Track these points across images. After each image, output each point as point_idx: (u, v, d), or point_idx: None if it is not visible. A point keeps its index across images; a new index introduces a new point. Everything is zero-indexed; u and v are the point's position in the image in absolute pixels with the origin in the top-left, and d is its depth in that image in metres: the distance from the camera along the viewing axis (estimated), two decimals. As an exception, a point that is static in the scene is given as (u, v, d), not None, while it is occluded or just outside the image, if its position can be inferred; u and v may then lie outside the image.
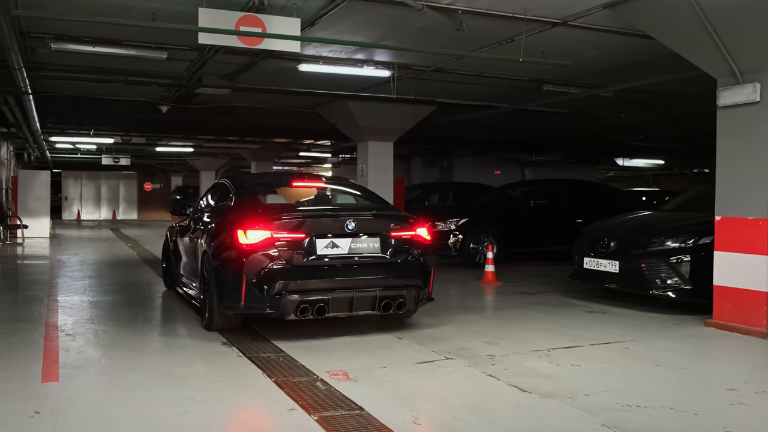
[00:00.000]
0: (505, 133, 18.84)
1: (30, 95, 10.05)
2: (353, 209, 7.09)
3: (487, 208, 13.94)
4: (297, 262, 6.21)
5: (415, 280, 6.69)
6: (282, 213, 6.46)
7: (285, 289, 6.13)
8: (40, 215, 19.83)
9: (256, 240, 6.19)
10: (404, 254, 6.65)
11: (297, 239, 6.25)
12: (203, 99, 13.58)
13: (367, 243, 6.51)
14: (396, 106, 13.80)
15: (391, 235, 6.59)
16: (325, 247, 6.33)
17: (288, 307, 6.13)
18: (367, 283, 6.40)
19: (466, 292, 10.16)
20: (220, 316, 6.63)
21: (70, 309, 8.14)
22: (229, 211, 7.11)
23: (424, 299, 6.92)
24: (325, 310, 6.23)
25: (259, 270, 6.16)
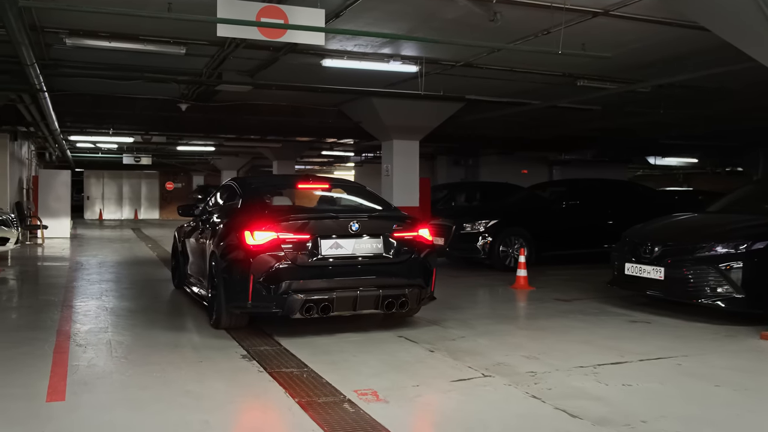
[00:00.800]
0: (534, 132, 18.28)
1: (45, 93, 9.73)
2: (357, 211, 7.33)
3: (517, 209, 13.42)
4: (302, 263, 6.39)
5: (417, 280, 6.83)
6: (287, 214, 6.62)
7: (291, 289, 6.30)
8: (61, 215, 19.62)
9: (262, 241, 6.34)
10: (406, 254, 6.80)
11: (302, 240, 6.41)
12: (224, 97, 13.22)
13: (370, 244, 6.65)
14: (422, 104, 13.33)
15: (394, 236, 6.74)
16: (329, 247, 6.49)
17: (294, 306, 6.29)
18: (371, 283, 6.56)
19: (497, 298, 9.66)
20: (227, 315, 6.76)
21: (84, 316, 7.78)
22: (236, 212, 7.24)
23: (427, 298, 7.06)
24: (329, 309, 6.38)
25: (265, 270, 6.32)
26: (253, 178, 8.79)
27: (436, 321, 7.59)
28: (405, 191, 14.25)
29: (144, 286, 10.28)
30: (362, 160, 26.29)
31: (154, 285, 10.43)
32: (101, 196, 34.76)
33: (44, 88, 9.53)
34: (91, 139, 17.92)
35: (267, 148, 20.71)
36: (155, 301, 8.95)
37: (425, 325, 7.37)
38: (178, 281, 9.58)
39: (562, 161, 23.40)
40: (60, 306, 8.37)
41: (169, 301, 9.06)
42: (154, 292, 9.71)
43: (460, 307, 8.64)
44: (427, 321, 7.60)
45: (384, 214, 7.19)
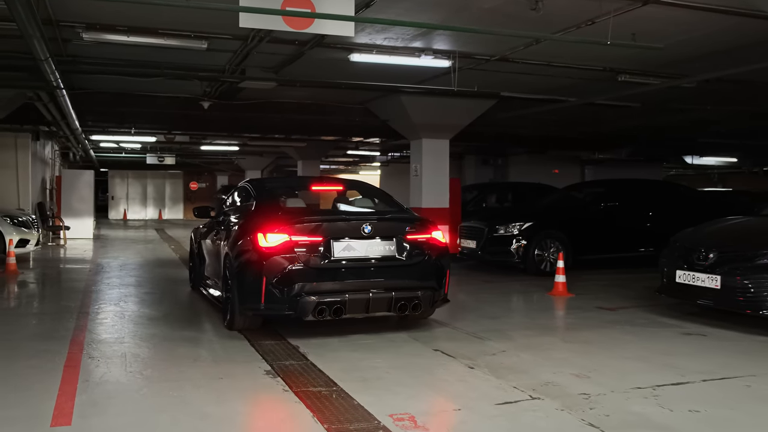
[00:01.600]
0: (567, 130, 17.64)
1: (63, 90, 9.37)
2: (370, 213, 7.31)
3: (553, 210, 12.83)
4: (315, 265, 6.37)
5: (430, 282, 6.80)
6: (300, 217, 6.62)
7: (303, 291, 6.30)
8: (84, 215, 19.39)
9: (275, 243, 6.35)
10: (419, 257, 6.76)
11: (315, 242, 6.41)
12: (247, 95, 12.81)
13: (383, 246, 6.63)
14: (453, 101, 12.80)
15: (407, 238, 6.72)
16: (342, 249, 6.47)
17: (306, 308, 6.28)
18: (383, 285, 6.54)
19: (535, 306, 9.10)
20: (241, 316, 6.73)
21: (101, 324, 7.38)
22: (249, 214, 7.26)
23: (440, 301, 7.03)
24: (342, 311, 6.37)
25: (278, 272, 6.33)
26: (266, 179, 8.77)
27: (474, 332, 7.08)
28: (434, 192, 13.72)
29: (165, 290, 9.89)
30: (388, 159, 25.77)
31: (175, 288, 10.04)
32: (126, 196, 34.65)
33: (61, 85, 9.17)
34: (113, 138, 17.62)
35: (291, 147, 20.29)
36: (175, 307, 8.53)
37: (462, 338, 6.86)
38: (194, 283, 9.59)
39: (595, 161, 22.67)
40: (76, 313, 7.98)
41: (189, 306, 8.64)
42: (175, 297, 9.30)
43: (497, 317, 8.11)
44: (464, 332, 7.09)
45: (397, 216, 7.15)
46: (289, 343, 6.50)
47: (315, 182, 8.30)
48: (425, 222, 7.05)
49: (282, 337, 6.81)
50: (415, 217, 7.17)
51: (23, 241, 12.69)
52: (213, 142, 20.93)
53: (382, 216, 7.10)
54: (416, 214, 7.57)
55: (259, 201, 7.43)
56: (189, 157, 26.51)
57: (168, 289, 10.09)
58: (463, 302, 9.50)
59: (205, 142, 20.77)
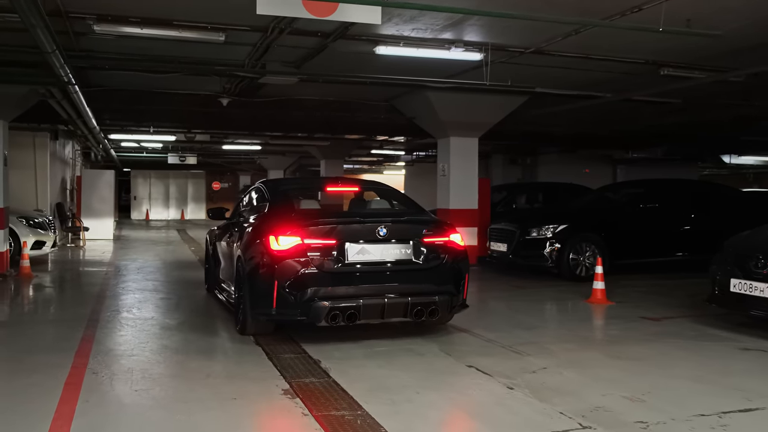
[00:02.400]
0: (601, 128, 16.93)
1: (75, 86, 8.95)
2: (385, 215, 7.01)
3: (588, 212, 12.18)
4: (328, 269, 6.20)
5: (448, 287, 6.60)
6: (313, 219, 6.43)
7: (316, 296, 6.12)
8: (104, 216, 19.10)
9: (287, 246, 6.17)
10: (437, 260, 6.56)
11: (328, 245, 6.22)
12: (268, 91, 12.35)
13: (399, 249, 6.44)
14: (483, 97, 12.23)
15: (424, 241, 6.51)
16: (356, 253, 6.29)
17: (319, 313, 6.10)
18: (399, 290, 6.36)
19: (573, 315, 8.49)
20: (253, 321, 6.56)
21: (110, 334, 6.93)
22: (262, 216, 7.08)
23: (458, 306, 6.80)
24: (356, 317, 6.18)
25: (290, 276, 6.15)
26: (281, 180, 8.51)
27: (510, 345, 6.52)
28: (462, 193, 13.15)
29: (181, 295, 9.44)
30: (413, 159, 25.20)
31: (192, 293, 9.59)
32: (148, 196, 34.43)
33: (73, 80, 8.74)
34: (132, 137, 17.27)
35: (314, 146, 19.80)
36: (191, 313, 8.06)
37: (497, 352, 6.30)
38: (209, 286, 9.38)
39: (627, 160, 21.87)
40: (87, 321, 7.54)
41: (205, 312, 8.17)
42: (191, 302, 8.85)
43: (534, 327, 7.54)
44: (499, 345, 6.53)
45: (413, 219, 6.94)
46: (309, 357, 6.03)
47: (330, 183, 8.00)
48: (443, 224, 6.86)
49: (297, 343, 6.44)
50: (432, 220, 6.96)
51: (39, 242, 12.35)
52: (235, 141, 20.52)
53: (398, 218, 6.91)
54: (433, 216, 7.24)
55: (273, 202, 7.18)
56: (211, 156, 26.16)
57: (184, 293, 9.64)
58: (495, 310, 8.94)
59: (227, 142, 20.37)
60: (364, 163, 30.00)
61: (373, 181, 8.46)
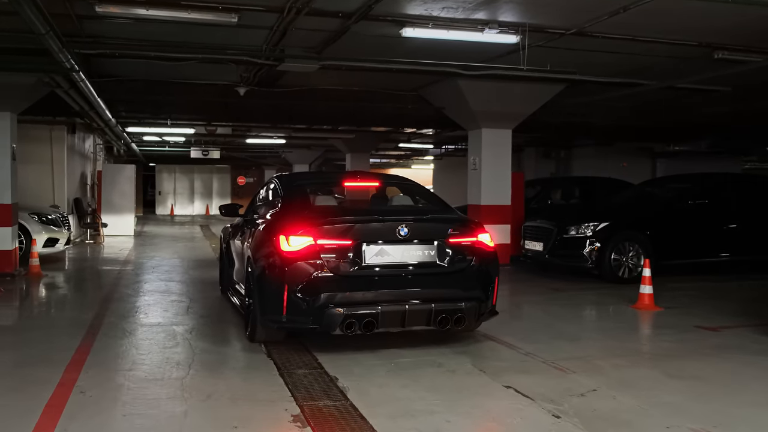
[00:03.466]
0: (641, 119, 15.93)
1: (79, 73, 8.36)
2: (407, 213, 6.44)
3: (631, 209, 11.33)
4: (343, 272, 5.69)
5: (476, 292, 6.01)
6: (327, 217, 5.88)
7: (330, 302, 5.59)
8: (125, 212, 18.66)
9: (298, 247, 5.66)
10: (463, 263, 6.02)
11: (343, 246, 5.71)
12: (289, 81, 11.68)
13: (422, 250, 5.91)
14: (517, 86, 11.43)
15: (449, 242, 5.98)
16: (374, 255, 5.77)
17: (333, 321, 5.57)
18: (422, 296, 5.82)
19: (620, 323, 7.67)
20: (263, 328, 6.08)
21: (109, 344, 6.32)
22: (274, 213, 6.58)
23: (487, 313, 6.21)
24: (373, 326, 5.62)
25: (301, 280, 5.64)
26: (296, 174, 7.96)
27: (552, 360, 5.78)
28: (495, 187, 12.37)
29: (194, 298, 8.83)
30: (441, 153, 24.39)
31: (206, 296, 8.98)
32: (173, 191, 34.06)
33: (76, 67, 8.15)
34: (150, 130, 16.75)
35: (339, 139, 19.11)
36: (200, 319, 7.43)
37: (538, 368, 5.58)
38: (223, 287, 8.85)
39: (668, 153, 20.79)
40: (88, 327, 6.96)
41: (216, 317, 7.52)
42: (203, 306, 8.22)
43: (577, 338, 6.77)
44: (539, 360, 5.80)
45: (438, 217, 6.39)
46: (325, 372, 5.38)
47: (348, 178, 7.38)
48: (470, 223, 6.30)
49: (311, 354, 5.88)
50: (458, 218, 6.39)
51: (52, 240, 11.86)
52: (258, 134, 19.93)
53: (421, 216, 6.33)
54: (460, 213, 6.64)
55: (286, 199, 6.62)
56: (235, 150, 25.62)
57: (198, 296, 9.04)
58: (531, 316, 8.19)
59: (250, 135, 19.78)
60: (391, 157, 29.24)
61: (395, 176, 7.85)
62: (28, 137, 14.29)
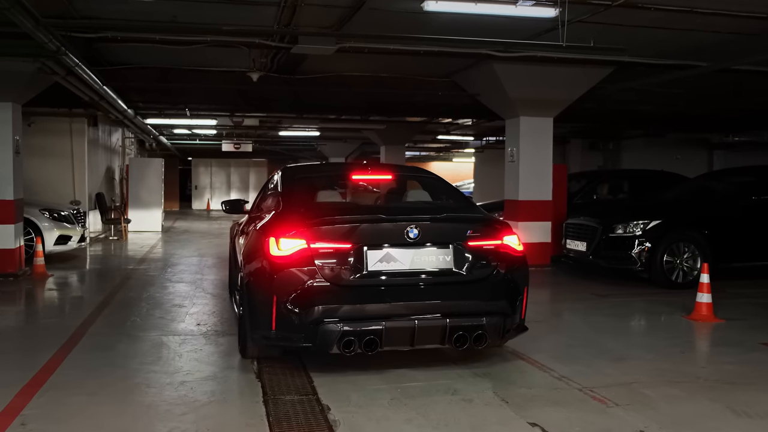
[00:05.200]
0: (697, 107, 14.63)
1: (69, 56, 7.65)
2: (418, 211, 5.56)
3: (686, 205, 10.17)
4: (342, 281, 4.88)
5: (500, 305, 5.13)
6: (323, 216, 5.08)
7: (325, 316, 4.80)
8: (152, 207, 18.14)
9: (289, 251, 4.87)
10: (486, 270, 5.13)
11: (341, 250, 4.89)
12: (310, 67, 10.86)
13: (436, 255, 5.05)
14: (559, 70, 10.41)
15: (468, 245, 5.10)
16: (378, 260, 4.94)
17: (329, 339, 4.80)
18: (435, 309, 4.98)
19: (673, 339, 6.57)
20: (253, 343, 5.33)
21: (82, 360, 5.61)
22: (269, 211, 5.82)
23: (513, 330, 5.33)
24: (376, 344, 4.82)
25: (292, 290, 4.85)
26: (300, 166, 7.14)
27: (591, 387, 4.84)
28: (534, 181, 11.35)
29: (198, 303, 8.09)
30: (483, 144, 23.29)
31: (211, 301, 8.23)
32: (209, 186, 33.64)
33: (65, 50, 7.43)
34: (171, 122, 16.14)
35: (371, 130, 18.22)
36: (196, 330, 6.65)
37: (572, 397, 4.66)
38: (231, 291, 7.90)
39: (727, 144, 19.33)
40: (69, 337, 6.26)
41: (214, 328, 6.73)
42: (204, 314, 7.45)
43: (622, 357, 5.79)
44: (575, 386, 4.87)
45: (455, 216, 5.58)
46: (317, 400, 4.59)
47: (357, 170, 6.43)
48: (494, 223, 5.43)
49: (307, 374, 5.16)
50: (479, 218, 5.50)
51: (64, 237, 11.28)
52: (290, 127, 19.20)
53: (435, 215, 5.45)
54: (485, 212, 5.76)
55: (284, 195, 5.83)
56: (269, 144, 24.97)
57: (203, 300, 8.29)
58: (570, 327, 7.20)
59: (282, 127, 19.06)
60: (431, 150, 28.26)
61: (412, 168, 7.00)
62: (49, 131, 13.89)
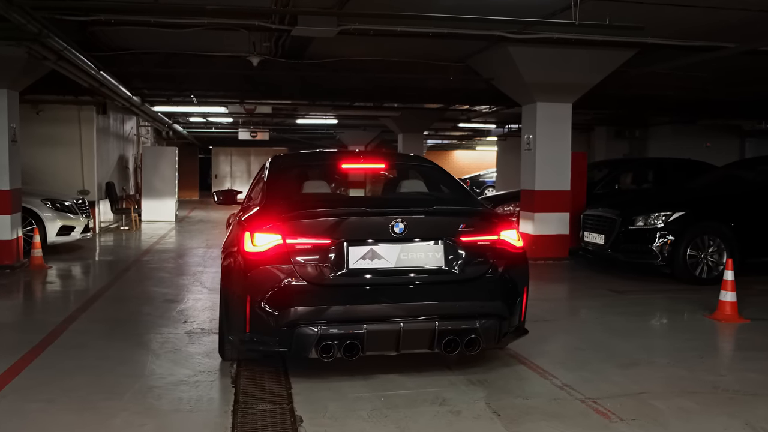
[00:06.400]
0: (728, 91, 13.93)
1: (53, 39, 7.29)
2: (406, 203, 5.18)
3: (713, 196, 9.56)
4: (320, 280, 4.49)
5: (496, 306, 4.69)
6: (300, 210, 4.70)
7: (301, 318, 4.42)
8: (166, 196, 17.89)
9: (264, 247, 4.50)
10: (480, 269, 4.70)
11: (320, 246, 4.50)
12: (317, 51, 10.45)
13: (425, 252, 4.63)
14: (577, 52, 9.86)
15: (461, 241, 4.67)
16: (361, 258, 4.53)
17: (305, 343, 4.41)
18: (423, 311, 4.55)
19: (692, 342, 6.04)
20: (230, 345, 5.02)
21: (49, 363, 5.28)
22: (251, 204, 5.53)
23: (511, 333, 4.88)
24: (357, 349, 4.43)
25: (266, 290, 4.47)
26: (288, 155, 6.55)
27: (595, 397, 4.41)
28: (551, 170, 10.83)
29: (191, 299, 7.78)
30: (505, 132, 22.69)
31: (207, 296, 7.89)
32: (229, 174, 33.43)
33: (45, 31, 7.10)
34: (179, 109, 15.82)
35: (387, 117, 17.75)
36: (180, 329, 6.30)
37: (572, 410, 4.23)
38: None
39: (759, 131, 18.51)
40: (43, 336, 5.93)
41: (201, 328, 6.36)
42: (197, 310, 7.11)
43: (634, 362, 5.31)
44: (577, 396, 4.43)
45: (446, 209, 5.08)
46: (291, 410, 4.25)
47: (347, 158, 5.98)
48: (490, 217, 4.97)
49: (287, 380, 4.78)
50: (473, 211, 5.07)
51: (67, 228, 11.04)
52: (307, 114, 18.81)
53: (424, 208, 4.94)
54: (485, 205, 5.34)
55: (268, 185, 5.40)
56: (286, 132, 24.61)
57: (197, 296, 7.97)
58: (581, 328, 6.70)
59: (297, 115, 18.68)
60: (452, 138, 27.68)
61: (408, 156, 6.54)
62: (56, 119, 13.69)
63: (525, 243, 4.82)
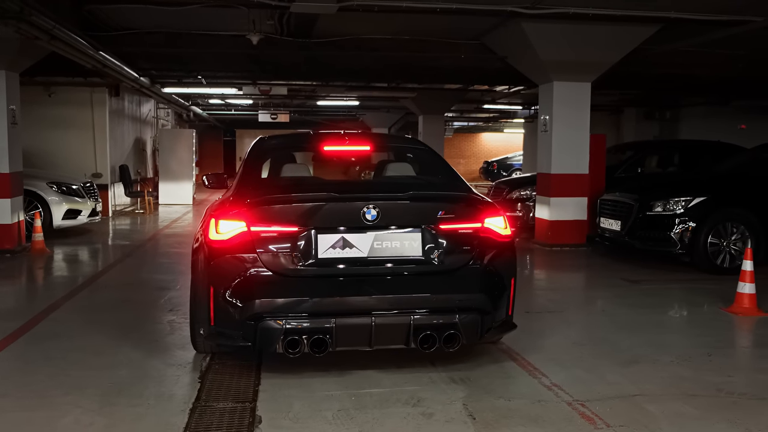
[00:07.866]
0: (760, 70, 13.21)
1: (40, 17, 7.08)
2: (381, 188, 4.93)
3: (736, 180, 9.00)
4: (286, 270, 4.20)
5: (478, 300, 4.35)
6: (265, 195, 4.44)
7: (266, 311, 4.16)
8: (183, 179, 17.78)
9: (227, 235, 4.24)
10: (462, 259, 4.35)
11: (287, 234, 4.22)
12: (324, 30, 10.09)
13: (400, 241, 4.31)
14: (594, 28, 9.36)
15: (440, 229, 4.34)
16: (331, 246, 4.23)
17: (270, 337, 4.13)
18: (397, 304, 4.25)
19: (704, 337, 5.61)
20: (200, 337, 4.66)
21: (20, 353, 5.11)
22: (227, 189, 5.30)
23: (496, 329, 4.55)
24: (325, 345, 4.13)
25: (230, 280, 4.23)
26: (270, 137, 5.97)
27: (584, 400, 4.03)
28: (569, 153, 10.36)
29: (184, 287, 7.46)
30: (531, 114, 22.09)
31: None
32: (254, 157, 33.36)
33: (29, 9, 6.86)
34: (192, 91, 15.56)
35: (406, 98, 17.30)
36: (164, 317, 6.07)
37: (555, 414, 3.89)
38: None
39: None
40: (21, 323, 5.75)
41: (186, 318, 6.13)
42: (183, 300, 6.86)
43: (634, 359, 4.92)
44: (564, 399, 4.06)
45: (423, 194, 4.66)
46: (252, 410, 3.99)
47: (329, 140, 5.54)
48: (473, 203, 4.57)
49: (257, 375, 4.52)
50: (455, 196, 4.70)
51: (73, 211, 10.93)
52: (328, 96, 18.47)
53: (400, 193, 4.51)
54: (471, 189, 4.90)
55: (246, 169, 5.13)
56: (308, 114, 24.29)
57: (191, 281, 7.70)
58: (585, 321, 6.29)
59: (319, 96, 18.34)
60: (479, 120, 27.07)
61: (397, 137, 6.25)
62: (69, 101, 13.59)
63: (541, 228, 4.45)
